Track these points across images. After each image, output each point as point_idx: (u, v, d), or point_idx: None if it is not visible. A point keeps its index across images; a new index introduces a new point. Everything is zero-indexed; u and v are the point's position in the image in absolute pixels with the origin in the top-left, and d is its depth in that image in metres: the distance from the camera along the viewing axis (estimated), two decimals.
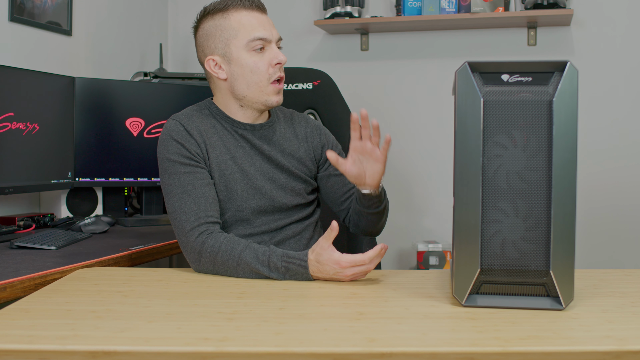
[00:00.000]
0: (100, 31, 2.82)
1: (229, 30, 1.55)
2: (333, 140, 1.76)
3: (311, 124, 1.74)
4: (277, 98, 1.59)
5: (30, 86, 2.13)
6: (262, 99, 1.58)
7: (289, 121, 1.71)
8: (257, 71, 1.55)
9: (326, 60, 3.23)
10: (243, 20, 1.54)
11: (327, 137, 1.74)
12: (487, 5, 2.90)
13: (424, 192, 3.19)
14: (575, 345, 0.96)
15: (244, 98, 1.58)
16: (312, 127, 1.73)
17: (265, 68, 1.55)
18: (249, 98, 1.58)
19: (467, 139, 1.13)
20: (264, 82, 1.56)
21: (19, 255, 1.66)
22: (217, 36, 1.56)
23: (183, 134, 1.55)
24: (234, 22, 1.54)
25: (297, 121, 1.72)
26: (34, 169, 2.17)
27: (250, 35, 1.54)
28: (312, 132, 1.72)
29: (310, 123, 1.74)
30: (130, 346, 0.95)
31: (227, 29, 1.55)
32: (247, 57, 1.55)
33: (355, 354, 0.94)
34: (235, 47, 1.55)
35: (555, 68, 1.12)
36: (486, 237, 1.13)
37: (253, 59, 1.55)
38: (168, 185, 1.53)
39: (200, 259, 1.45)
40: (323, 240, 1.38)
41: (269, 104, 1.59)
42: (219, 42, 1.56)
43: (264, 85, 1.56)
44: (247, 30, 1.54)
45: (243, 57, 1.55)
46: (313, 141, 1.71)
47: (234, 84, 1.58)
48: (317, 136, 1.72)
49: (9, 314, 1.12)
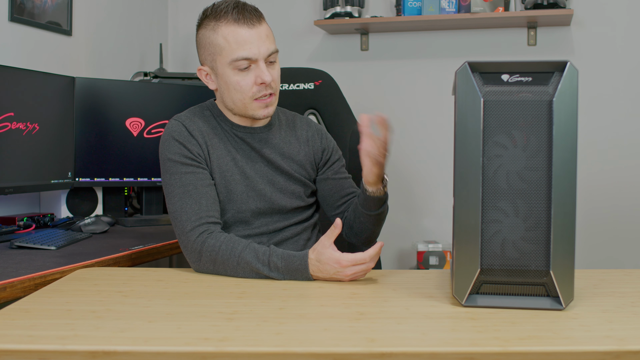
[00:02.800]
0: (100, 31, 2.82)
1: (215, 46, 1.52)
2: (334, 146, 1.75)
3: (313, 128, 1.73)
4: (264, 112, 1.56)
5: (30, 86, 2.13)
6: (249, 113, 1.57)
7: (290, 124, 1.71)
8: (239, 90, 1.53)
9: (326, 60, 3.23)
10: (229, 37, 1.49)
11: (328, 142, 1.74)
12: (487, 5, 2.90)
13: (424, 192, 3.19)
14: (575, 345, 0.96)
15: (232, 109, 1.59)
16: (313, 130, 1.73)
17: (248, 87, 1.52)
18: (237, 111, 1.58)
19: (467, 139, 1.13)
20: (247, 99, 1.54)
21: (19, 255, 1.66)
22: (207, 48, 1.55)
23: (185, 135, 1.55)
24: (220, 37, 1.50)
25: (298, 124, 1.72)
26: (34, 169, 2.17)
27: (234, 55, 1.49)
28: (314, 135, 1.72)
29: (312, 127, 1.74)
30: (130, 346, 0.95)
31: (213, 44, 1.52)
32: (230, 74, 1.52)
33: (355, 354, 0.94)
34: (220, 64, 1.52)
35: (555, 68, 1.12)
36: (486, 237, 1.13)
37: (236, 77, 1.52)
38: (169, 185, 1.53)
39: (201, 258, 1.45)
40: (325, 238, 1.38)
41: (257, 117, 1.57)
42: (208, 55, 1.55)
43: (247, 102, 1.54)
44: (231, 49, 1.49)
45: (227, 75, 1.52)
46: (314, 145, 1.71)
47: (223, 96, 1.58)
48: (318, 140, 1.72)
49: (9, 314, 1.12)
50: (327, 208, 1.75)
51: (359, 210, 1.61)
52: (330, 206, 1.73)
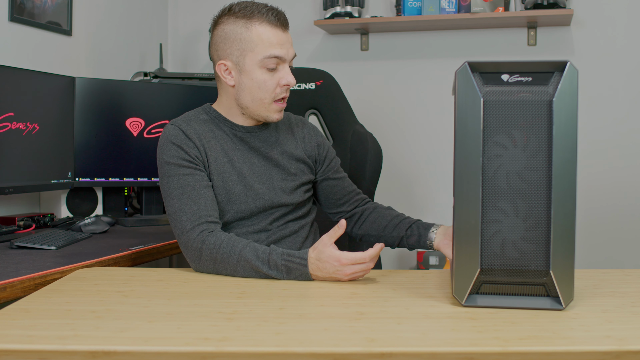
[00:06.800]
0: (100, 31, 2.82)
1: (248, 42, 1.53)
2: (329, 144, 1.78)
3: (308, 125, 1.77)
4: (278, 115, 1.60)
5: (30, 86, 2.13)
6: (263, 114, 1.59)
7: (286, 122, 1.72)
8: (264, 88, 1.55)
9: (326, 60, 3.23)
10: (264, 36, 1.52)
11: (323, 139, 1.77)
12: (487, 5, 2.90)
13: (424, 192, 3.19)
14: (575, 345, 0.96)
15: (246, 109, 1.59)
16: (309, 128, 1.76)
17: (272, 87, 1.55)
18: (251, 110, 1.59)
19: (467, 139, 1.13)
20: (268, 99, 1.56)
21: (19, 255, 1.66)
22: (234, 43, 1.55)
23: (182, 138, 1.56)
24: (254, 35, 1.53)
25: (294, 122, 1.74)
26: (34, 169, 2.17)
27: (267, 52, 1.52)
28: (309, 132, 1.74)
29: (307, 124, 1.77)
30: (130, 346, 0.95)
31: (246, 40, 1.53)
32: (258, 72, 1.54)
33: (355, 354, 0.94)
34: (250, 60, 1.54)
35: (555, 68, 1.12)
36: (486, 237, 1.13)
37: (264, 76, 1.54)
38: (167, 188, 1.53)
39: (201, 257, 1.45)
40: (327, 237, 1.38)
41: (269, 120, 1.60)
42: (235, 50, 1.55)
43: (267, 102, 1.57)
44: (265, 47, 1.52)
45: (255, 72, 1.54)
46: (310, 141, 1.72)
47: (240, 94, 1.58)
48: (314, 137, 1.74)
49: (9, 314, 1.12)
50: (327, 207, 1.77)
51: (395, 237, 1.65)
52: (332, 205, 1.76)
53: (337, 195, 1.75)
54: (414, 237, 1.62)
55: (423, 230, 1.60)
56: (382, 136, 2.75)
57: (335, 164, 1.77)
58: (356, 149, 2.21)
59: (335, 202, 1.76)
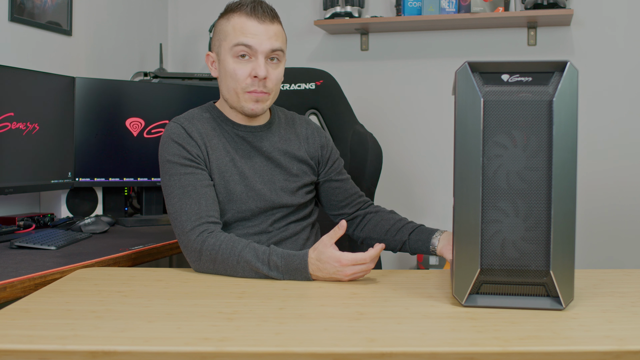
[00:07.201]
0: (100, 31, 2.82)
1: (224, 32, 1.56)
2: (333, 145, 1.77)
3: (312, 126, 1.75)
4: (253, 106, 1.57)
5: (30, 86, 2.13)
6: (238, 105, 1.58)
7: (290, 122, 1.72)
8: (235, 77, 1.55)
9: (326, 60, 3.23)
10: (237, 26, 1.54)
11: (327, 140, 1.75)
12: (487, 5, 2.90)
13: (424, 192, 3.19)
14: (575, 345, 0.96)
15: (227, 101, 1.61)
16: (312, 128, 1.74)
17: (243, 77, 1.54)
18: (230, 102, 1.60)
19: (467, 139, 1.13)
20: (239, 89, 1.56)
21: (19, 255, 1.66)
22: (217, 35, 1.59)
23: (184, 136, 1.56)
24: (230, 25, 1.55)
25: (298, 122, 1.73)
26: (34, 169, 2.17)
27: (236, 40, 1.53)
28: (313, 133, 1.73)
29: (310, 124, 1.75)
30: (130, 346, 0.95)
31: (223, 31, 1.57)
32: (230, 61, 1.55)
33: (355, 354, 0.94)
34: (224, 49, 1.56)
35: (555, 68, 1.12)
36: (486, 237, 1.13)
37: (234, 65, 1.54)
38: (168, 187, 1.53)
39: (201, 257, 1.45)
40: (327, 237, 1.38)
41: (244, 110, 1.58)
42: (216, 41, 1.59)
43: (239, 92, 1.56)
44: (236, 35, 1.53)
45: (227, 60, 1.55)
46: (314, 142, 1.72)
47: (220, 85, 1.61)
48: (317, 137, 1.73)
49: (9, 314, 1.12)
50: (329, 208, 1.77)
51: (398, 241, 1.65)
52: (334, 207, 1.76)
53: (340, 197, 1.75)
54: (417, 242, 1.61)
55: (426, 236, 1.60)
56: (382, 136, 2.75)
57: (339, 166, 1.76)
58: (356, 149, 2.21)
59: (337, 204, 1.75)
